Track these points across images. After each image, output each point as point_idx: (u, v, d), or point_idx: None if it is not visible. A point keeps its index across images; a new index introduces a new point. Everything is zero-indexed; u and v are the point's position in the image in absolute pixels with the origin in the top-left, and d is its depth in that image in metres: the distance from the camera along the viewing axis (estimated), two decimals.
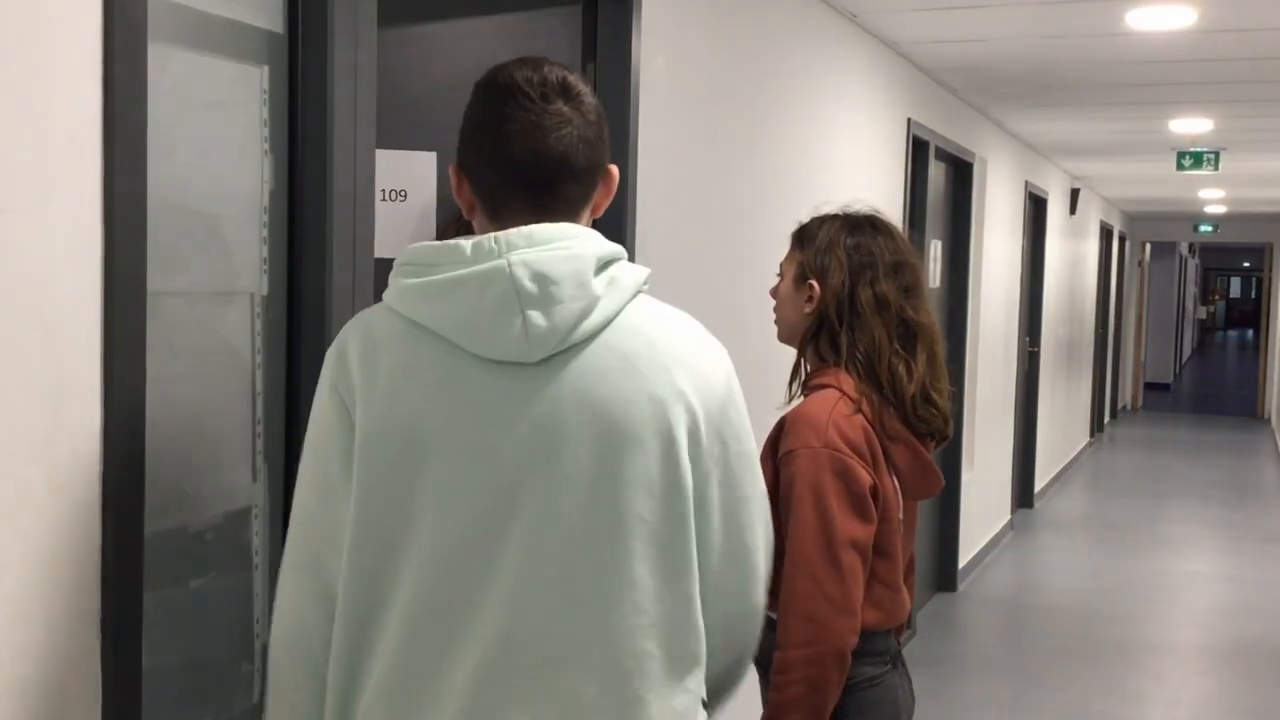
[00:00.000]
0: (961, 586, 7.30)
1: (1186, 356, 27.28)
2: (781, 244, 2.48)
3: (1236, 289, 44.88)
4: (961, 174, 7.15)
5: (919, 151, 5.99)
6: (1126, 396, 17.92)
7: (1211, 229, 17.45)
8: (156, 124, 1.70)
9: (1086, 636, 6.48)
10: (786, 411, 2.35)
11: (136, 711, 1.69)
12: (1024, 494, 9.72)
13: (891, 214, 5.71)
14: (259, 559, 2.08)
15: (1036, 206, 9.50)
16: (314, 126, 2.05)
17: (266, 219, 2.05)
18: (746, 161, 3.96)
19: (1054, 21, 4.98)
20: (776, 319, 2.44)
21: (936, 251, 6.64)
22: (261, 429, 2.06)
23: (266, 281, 2.06)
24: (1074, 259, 11.63)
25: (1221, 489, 11.30)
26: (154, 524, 1.77)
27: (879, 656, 2.32)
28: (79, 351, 1.59)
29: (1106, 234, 14.12)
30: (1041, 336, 9.76)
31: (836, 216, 2.41)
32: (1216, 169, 8.93)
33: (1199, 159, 8.81)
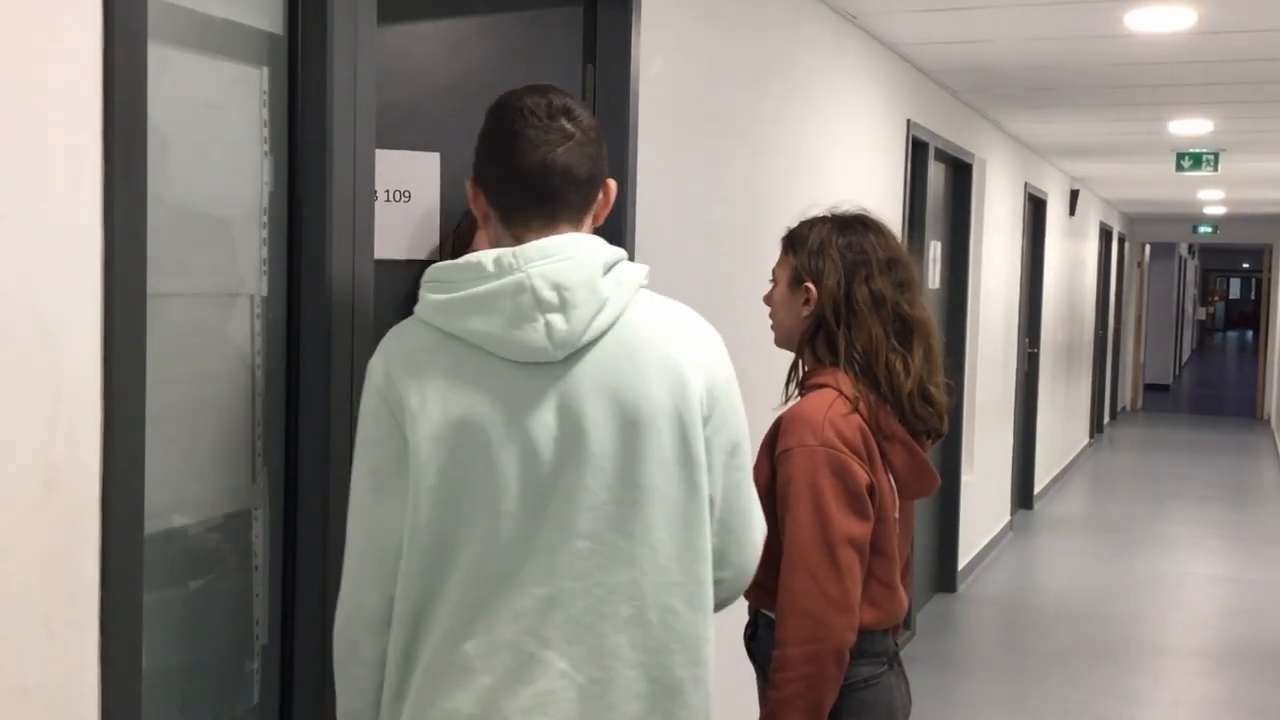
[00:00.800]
0: (961, 587, 7.30)
1: (1186, 358, 27.29)
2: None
3: (1236, 290, 44.90)
4: (961, 175, 7.15)
5: (918, 153, 5.99)
6: (1126, 397, 17.93)
7: (1211, 230, 17.46)
8: (156, 125, 1.70)
9: (1086, 637, 6.48)
10: (783, 411, 2.35)
11: (136, 713, 1.69)
12: (1023, 495, 9.72)
13: (891, 215, 5.73)
14: (259, 560, 2.08)
15: (1036, 208, 9.50)
16: (314, 128, 2.05)
17: (266, 220, 2.05)
18: (746, 163, 3.96)
19: (1053, 23, 4.99)
20: (773, 324, 2.45)
21: (936, 253, 6.64)
22: (261, 430, 2.06)
23: (266, 283, 2.06)
24: (1073, 260, 11.63)
25: (1221, 490, 11.31)
26: (154, 525, 1.77)
27: (876, 657, 2.32)
28: (79, 352, 1.59)
29: (1106, 235, 14.13)
30: (1041, 338, 9.76)
31: (826, 218, 2.41)
32: (1216, 170, 8.94)
33: (1198, 160, 8.81)
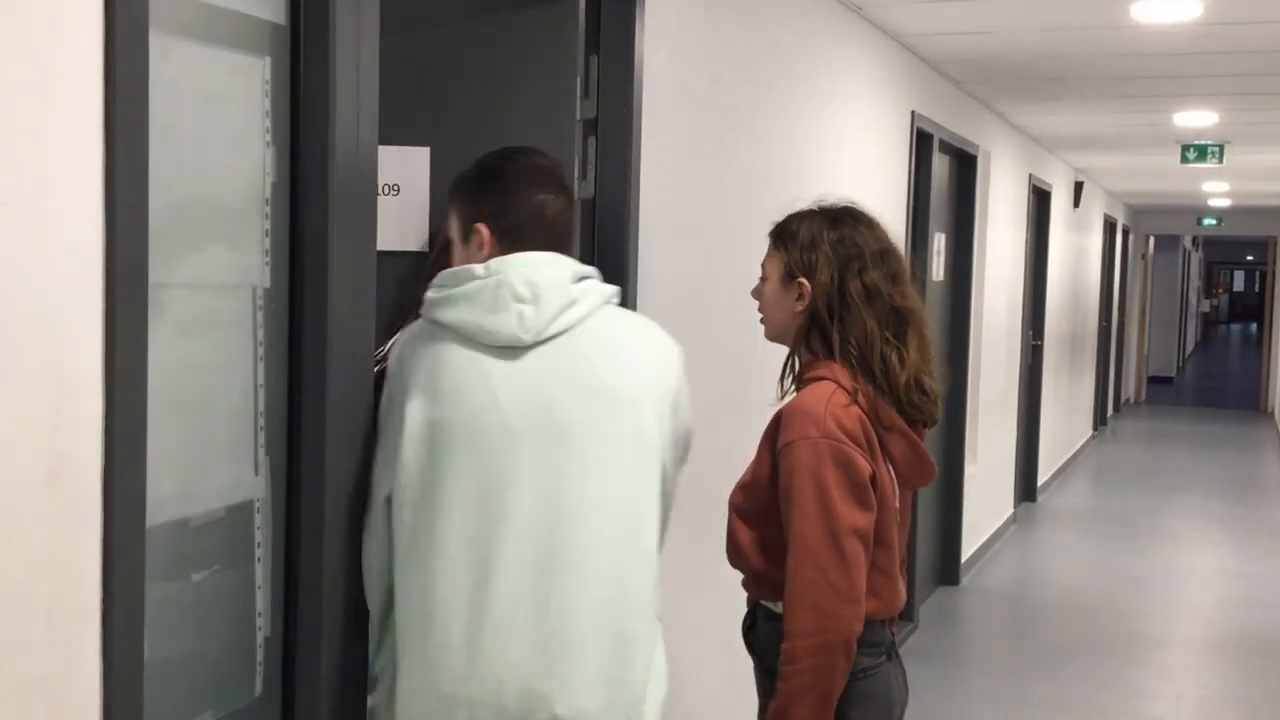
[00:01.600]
0: (964, 580, 7.29)
1: (1190, 350, 27.25)
2: None
3: (1240, 282, 44.82)
4: (965, 167, 7.14)
5: (923, 144, 5.98)
6: (1129, 390, 17.91)
7: (1215, 222, 17.43)
8: (158, 116, 1.69)
9: (1089, 630, 6.48)
10: (782, 405, 2.35)
11: (138, 705, 1.68)
12: (1027, 488, 9.71)
13: (895, 207, 5.73)
14: (261, 552, 2.07)
15: (1040, 199, 9.48)
16: (316, 118, 2.04)
17: (269, 211, 2.04)
18: (750, 154, 3.95)
19: (1059, 14, 4.97)
20: (763, 319, 2.44)
21: (940, 244, 6.63)
22: (264, 422, 2.05)
23: (269, 274, 2.05)
24: (1077, 252, 11.61)
25: (1224, 483, 11.30)
26: (155, 517, 1.76)
27: (874, 647, 2.32)
28: (80, 344, 1.59)
29: (1110, 227, 14.11)
30: (1045, 330, 9.75)
31: (814, 211, 2.41)
32: (1221, 162, 8.92)
33: (1203, 152, 8.79)
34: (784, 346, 2.45)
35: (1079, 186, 11.22)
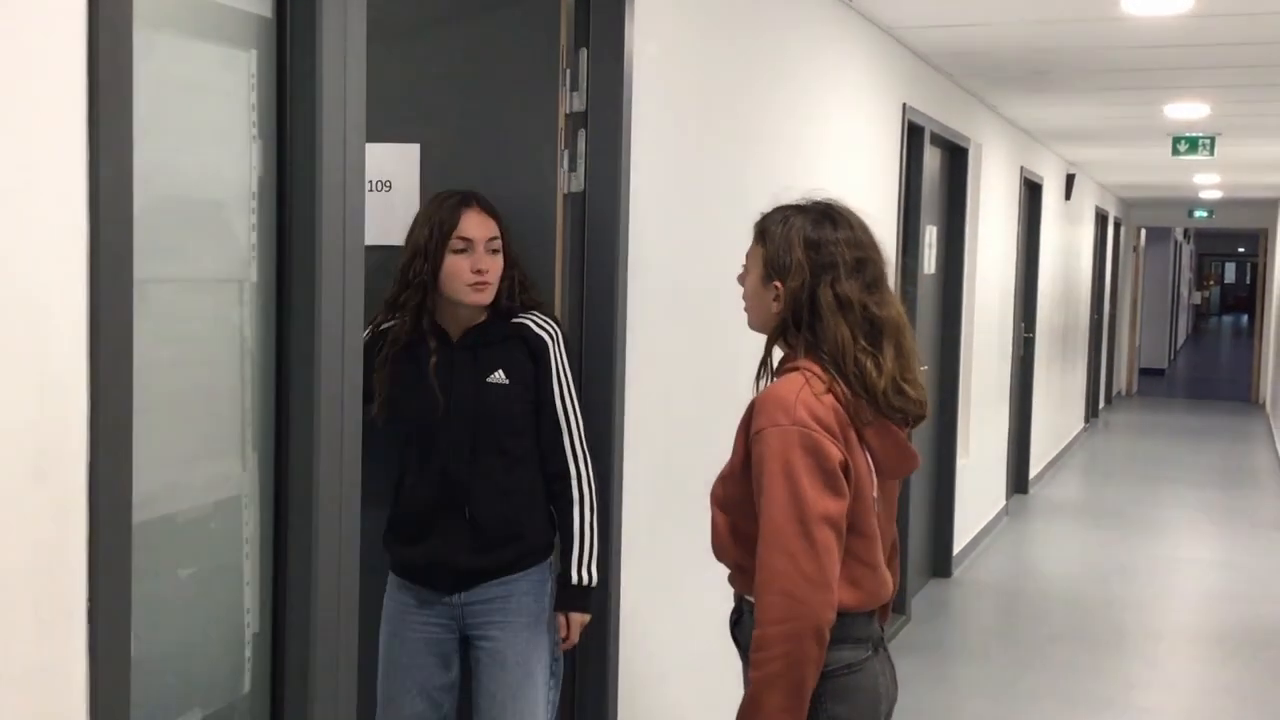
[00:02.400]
0: (956, 572, 7.30)
1: (1181, 342, 27.30)
2: None
3: (1231, 274, 44.91)
4: (957, 159, 7.13)
5: (914, 137, 5.97)
6: (1121, 382, 17.93)
7: (1206, 214, 17.45)
8: (142, 109, 1.68)
9: (1081, 622, 6.49)
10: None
11: (125, 702, 1.68)
12: (1019, 480, 9.72)
13: (886, 200, 5.70)
14: (249, 547, 2.06)
15: (1032, 192, 9.48)
16: (303, 111, 2.02)
17: (255, 205, 2.03)
18: (740, 147, 3.95)
19: (1051, 6, 4.97)
20: (746, 307, 2.45)
21: (931, 237, 6.62)
22: (251, 417, 2.05)
23: (256, 269, 2.04)
24: (1069, 244, 11.62)
25: (1216, 474, 11.32)
26: (142, 512, 1.76)
27: (859, 642, 2.30)
28: (65, 339, 1.58)
29: (1102, 219, 14.12)
30: (1036, 322, 9.75)
31: (796, 210, 2.39)
32: (1212, 154, 8.92)
33: (1194, 144, 8.80)
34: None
35: (1070, 179, 11.23)
